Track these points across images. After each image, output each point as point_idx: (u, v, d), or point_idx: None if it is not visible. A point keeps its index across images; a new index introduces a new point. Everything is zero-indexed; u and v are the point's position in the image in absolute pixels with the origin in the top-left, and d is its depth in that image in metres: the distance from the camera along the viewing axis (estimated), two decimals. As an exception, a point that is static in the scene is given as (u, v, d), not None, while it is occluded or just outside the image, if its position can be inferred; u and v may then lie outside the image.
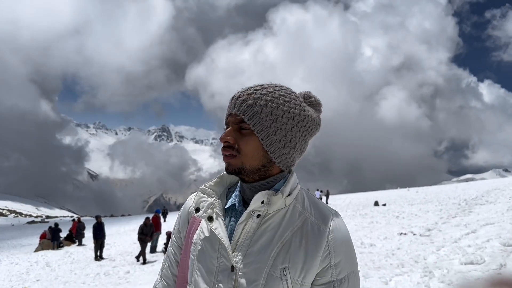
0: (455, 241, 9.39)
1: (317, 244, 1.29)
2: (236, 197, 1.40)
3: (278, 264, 1.27)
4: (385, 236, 12.10)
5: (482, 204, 17.62)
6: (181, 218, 1.54)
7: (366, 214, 20.38)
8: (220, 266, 1.32)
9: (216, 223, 1.34)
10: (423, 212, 18.32)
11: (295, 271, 1.27)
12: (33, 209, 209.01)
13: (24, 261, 16.17)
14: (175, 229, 1.58)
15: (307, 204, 1.37)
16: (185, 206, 1.55)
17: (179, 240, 1.55)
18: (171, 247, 1.58)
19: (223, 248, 1.32)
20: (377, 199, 29.93)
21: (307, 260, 1.28)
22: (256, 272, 1.27)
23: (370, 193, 48.91)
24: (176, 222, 1.57)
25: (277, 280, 1.26)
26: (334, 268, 1.30)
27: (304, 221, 1.32)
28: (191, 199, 1.53)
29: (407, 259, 8.44)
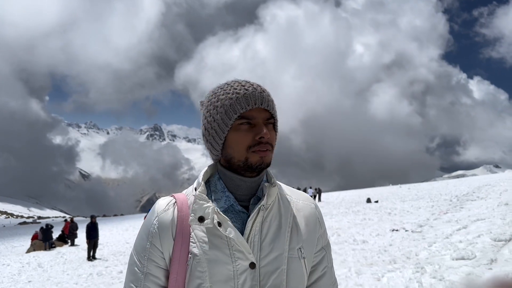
0: (446, 237, 9.48)
1: (314, 220, 1.49)
2: (229, 197, 1.38)
3: (294, 246, 1.39)
4: (378, 232, 12.18)
5: (473, 200, 17.78)
6: (160, 234, 1.34)
7: (359, 211, 20.50)
8: (238, 269, 1.30)
9: (227, 227, 1.31)
10: (415, 208, 18.46)
11: (307, 248, 1.42)
12: (25, 210, 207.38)
13: (16, 262, 16.03)
14: (147, 250, 1.35)
15: (287, 191, 1.52)
16: (162, 220, 1.35)
17: (161, 260, 1.35)
18: (148, 273, 1.34)
19: (237, 250, 1.31)
20: (370, 196, 30.10)
21: (311, 235, 1.45)
22: (276, 261, 1.35)
23: (362, 190, 49.19)
24: (148, 241, 1.35)
25: (296, 260, 1.38)
26: (322, 236, 1.51)
27: (296, 205, 1.48)
28: (166, 210, 1.37)
29: (399, 255, 8.51)
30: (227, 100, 1.35)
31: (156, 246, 1.34)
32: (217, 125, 1.36)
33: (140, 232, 1.41)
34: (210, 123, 1.38)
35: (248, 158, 1.35)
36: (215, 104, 1.38)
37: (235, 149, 1.35)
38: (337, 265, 8.38)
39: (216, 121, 1.36)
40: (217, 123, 1.36)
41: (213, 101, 1.39)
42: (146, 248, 1.35)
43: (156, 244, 1.34)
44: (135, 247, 1.40)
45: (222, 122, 1.35)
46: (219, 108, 1.36)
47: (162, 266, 1.35)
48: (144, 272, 1.35)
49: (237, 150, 1.35)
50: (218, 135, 1.37)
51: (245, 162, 1.35)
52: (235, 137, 1.35)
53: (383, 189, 45.71)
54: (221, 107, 1.36)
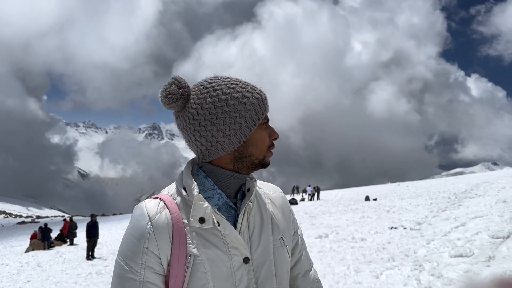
0: (444, 234, 9.51)
1: (287, 208, 1.56)
2: (221, 194, 1.37)
3: (277, 236, 1.44)
4: (376, 230, 12.21)
5: (471, 197, 17.83)
6: (157, 239, 1.27)
7: (357, 209, 20.54)
8: (234, 266, 1.31)
9: (225, 225, 1.31)
10: (413, 206, 18.51)
11: (287, 236, 1.49)
12: (23, 210, 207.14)
13: (15, 262, 16.03)
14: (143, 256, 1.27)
15: (259, 183, 1.55)
16: (157, 224, 1.28)
17: (158, 266, 1.28)
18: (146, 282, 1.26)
19: (232, 247, 1.31)
20: (368, 194, 30.15)
21: (287, 223, 1.52)
22: (265, 253, 1.39)
23: (361, 188, 49.26)
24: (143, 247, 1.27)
25: (281, 249, 1.43)
26: (294, 222, 1.58)
27: (270, 196, 1.53)
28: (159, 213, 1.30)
29: (397, 253, 8.53)
30: (254, 99, 1.34)
31: (152, 252, 1.27)
32: (244, 122, 1.33)
33: (128, 238, 1.31)
34: (233, 118, 1.32)
35: (265, 157, 1.41)
36: (241, 100, 1.33)
37: (259, 147, 1.37)
38: (336, 263, 8.41)
39: (243, 117, 1.32)
40: (244, 120, 1.33)
41: (234, 96, 1.33)
42: (141, 255, 1.27)
43: (153, 250, 1.27)
44: (124, 255, 1.30)
45: (250, 120, 1.33)
46: (247, 105, 1.33)
47: (159, 272, 1.29)
48: (142, 280, 1.26)
49: (260, 149, 1.38)
50: (243, 131, 1.33)
51: (262, 160, 1.40)
52: (260, 136, 1.38)
53: (382, 187, 45.79)
54: (249, 105, 1.33)
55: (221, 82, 1.36)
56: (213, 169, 1.38)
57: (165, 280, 1.30)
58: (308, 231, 13.85)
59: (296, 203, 32.71)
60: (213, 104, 1.33)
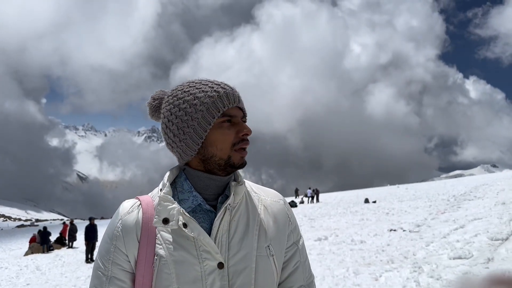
0: (444, 237, 9.52)
1: (283, 217, 1.47)
2: (196, 196, 1.36)
3: (263, 244, 1.37)
4: (375, 232, 12.22)
5: (470, 199, 17.85)
6: (124, 237, 1.32)
7: (357, 212, 20.54)
8: (205, 270, 1.28)
9: (193, 227, 1.28)
10: (412, 208, 18.52)
11: (276, 245, 1.40)
12: (22, 213, 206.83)
13: (14, 265, 16.00)
14: (112, 253, 1.32)
15: (255, 188, 1.50)
16: (126, 222, 1.33)
17: (126, 263, 1.32)
18: (113, 277, 1.31)
19: (204, 251, 1.29)
20: (368, 196, 30.13)
21: (280, 232, 1.43)
22: (245, 260, 1.33)
23: (360, 191, 49.23)
24: (112, 244, 1.33)
25: (265, 258, 1.36)
26: (293, 232, 1.48)
27: (264, 203, 1.46)
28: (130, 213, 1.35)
29: (396, 255, 8.54)
30: (207, 98, 1.32)
31: (120, 249, 1.32)
32: (197, 123, 1.32)
33: (104, 236, 1.37)
34: (185, 122, 1.33)
35: (231, 156, 1.34)
36: (192, 102, 1.33)
37: (219, 147, 1.33)
38: (335, 265, 8.41)
39: (195, 119, 1.32)
40: (197, 121, 1.32)
41: (186, 99, 1.34)
42: (110, 251, 1.32)
43: (121, 247, 1.32)
44: (99, 251, 1.36)
45: (203, 120, 1.31)
46: (198, 106, 1.32)
47: (127, 269, 1.32)
48: (109, 275, 1.31)
49: (220, 148, 1.33)
50: (198, 133, 1.32)
51: (227, 161, 1.34)
52: (218, 135, 1.33)
53: (381, 189, 45.78)
54: (201, 105, 1.32)
55: (180, 88, 1.38)
56: (190, 171, 1.38)
57: (133, 277, 1.32)
58: (307, 234, 13.85)
59: (296, 206, 32.72)
60: (170, 111, 1.36)
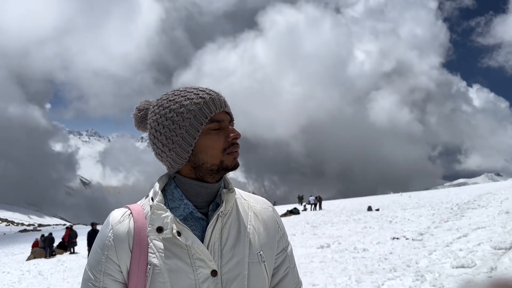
0: (447, 245, 9.48)
1: (273, 223, 1.49)
2: (187, 204, 1.36)
3: (254, 251, 1.38)
4: (378, 241, 12.16)
5: (474, 208, 17.76)
6: (116, 247, 1.30)
7: (360, 219, 20.46)
8: (199, 278, 1.29)
9: (187, 236, 1.29)
10: (415, 216, 18.42)
11: (267, 251, 1.42)
12: (25, 218, 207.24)
13: (16, 270, 16.03)
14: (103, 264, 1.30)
15: (244, 195, 1.51)
16: (117, 232, 1.31)
17: (118, 273, 1.30)
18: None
19: (198, 259, 1.29)
20: (371, 204, 29.99)
21: (270, 239, 1.45)
22: (238, 266, 1.34)
23: (363, 198, 49.06)
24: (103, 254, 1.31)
25: (257, 265, 1.38)
26: (282, 238, 1.51)
27: (254, 209, 1.47)
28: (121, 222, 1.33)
29: (399, 263, 8.50)
30: (193, 105, 1.32)
31: (112, 259, 1.30)
32: (185, 132, 1.31)
33: (94, 246, 1.35)
34: (173, 131, 1.32)
35: (223, 160, 1.34)
36: (178, 110, 1.32)
37: (209, 153, 1.33)
38: (337, 273, 8.38)
39: (183, 127, 1.31)
40: (185, 129, 1.31)
41: (172, 107, 1.33)
42: (102, 262, 1.30)
43: (112, 257, 1.30)
44: (89, 261, 1.34)
45: (191, 128, 1.31)
46: (185, 114, 1.32)
47: (119, 279, 1.30)
48: (100, 287, 1.29)
49: (211, 154, 1.33)
50: (187, 141, 1.32)
51: (220, 165, 1.34)
52: (208, 141, 1.33)
53: (384, 197, 45.60)
54: (187, 113, 1.31)
55: (165, 97, 1.38)
56: (180, 179, 1.38)
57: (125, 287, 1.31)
58: (310, 241, 13.82)
59: (298, 213, 32.64)
60: (156, 121, 1.36)
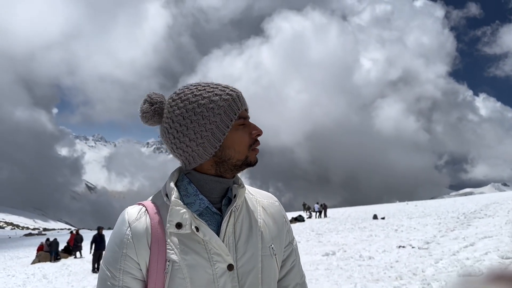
0: (453, 254, 9.40)
1: (280, 217, 1.52)
2: (202, 199, 1.36)
3: (266, 244, 1.41)
4: (384, 249, 12.09)
5: (480, 217, 17.63)
6: (135, 244, 1.30)
7: (365, 228, 20.36)
8: (217, 272, 1.30)
9: (205, 231, 1.30)
10: (421, 225, 18.30)
11: (277, 244, 1.46)
12: (30, 222, 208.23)
13: (21, 273, 16.07)
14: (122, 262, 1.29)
15: (252, 191, 1.54)
16: (136, 229, 1.31)
17: (137, 271, 1.30)
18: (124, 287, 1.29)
19: (215, 254, 1.30)
20: (376, 212, 29.88)
21: (279, 232, 1.49)
22: (252, 260, 1.37)
23: (368, 207, 48.85)
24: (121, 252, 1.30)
25: (269, 258, 1.41)
26: (289, 232, 1.54)
27: (262, 204, 1.51)
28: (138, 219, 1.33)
29: (405, 272, 8.44)
30: (223, 101, 1.33)
31: (131, 257, 1.29)
32: (215, 127, 1.32)
33: (110, 244, 1.34)
34: (203, 126, 1.32)
35: (248, 156, 1.37)
36: (208, 105, 1.32)
37: (237, 149, 1.35)
38: (343, 281, 8.33)
39: (213, 122, 1.32)
40: (215, 124, 1.32)
41: (201, 102, 1.33)
42: (120, 260, 1.29)
43: (131, 255, 1.29)
44: (106, 260, 1.33)
45: (221, 123, 1.33)
46: (215, 109, 1.32)
47: (138, 277, 1.30)
48: (120, 285, 1.28)
49: (238, 150, 1.35)
50: (216, 137, 1.33)
51: (245, 161, 1.37)
52: (236, 137, 1.35)
53: (390, 206, 45.38)
54: (218, 108, 1.32)
55: (188, 91, 1.36)
56: (195, 175, 1.38)
57: (144, 285, 1.31)
58: (315, 249, 13.76)
59: (303, 220, 32.54)
60: (182, 115, 1.33)
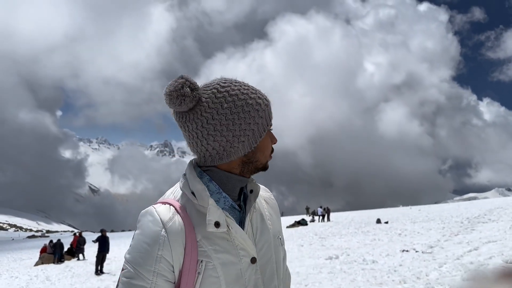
0: (457, 258, 9.36)
1: (277, 209, 1.60)
2: (226, 197, 1.38)
3: (275, 235, 1.50)
4: (387, 253, 12.04)
5: (484, 222, 17.54)
6: (171, 246, 1.27)
7: (369, 232, 20.30)
8: (243, 267, 1.33)
9: (236, 229, 1.34)
10: (425, 230, 18.23)
11: (281, 235, 1.56)
12: (33, 224, 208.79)
13: (24, 275, 16.10)
14: (156, 264, 1.26)
15: None
16: (172, 230, 1.28)
17: (170, 273, 1.28)
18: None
19: (241, 249, 1.34)
20: (379, 217, 29.77)
21: (280, 223, 1.58)
22: (268, 251, 1.43)
23: (372, 211, 48.70)
24: (156, 254, 1.26)
25: (279, 247, 1.50)
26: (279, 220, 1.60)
27: (264, 197, 1.58)
28: (172, 219, 1.29)
29: (409, 276, 8.41)
30: (264, 106, 1.37)
31: (166, 259, 1.26)
32: (257, 128, 1.35)
33: (138, 244, 1.29)
34: (248, 125, 1.33)
35: (267, 161, 1.44)
36: (255, 107, 1.34)
37: (265, 153, 1.41)
38: (346, 285, 8.31)
39: (255, 124, 1.34)
40: (257, 126, 1.35)
41: (249, 102, 1.34)
42: (154, 262, 1.25)
43: (167, 257, 1.26)
44: (134, 262, 1.27)
45: (261, 126, 1.36)
46: (260, 112, 1.35)
47: (170, 279, 1.28)
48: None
49: (265, 154, 1.41)
50: (255, 138, 1.35)
51: (265, 165, 1.43)
52: (266, 142, 1.41)
53: (393, 210, 45.22)
54: (262, 111, 1.35)
55: (234, 87, 1.35)
56: (218, 172, 1.37)
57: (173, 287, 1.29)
58: (318, 252, 13.73)
59: (306, 224, 32.46)
60: (229, 109, 1.32)
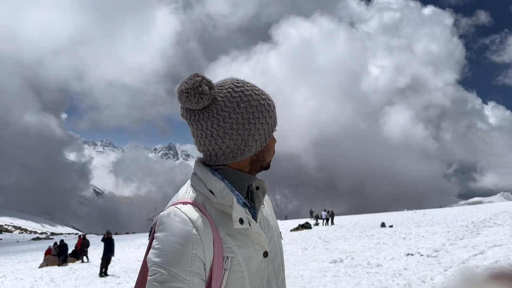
0: (462, 262, 9.31)
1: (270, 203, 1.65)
2: (239, 195, 1.41)
3: (276, 229, 1.56)
4: (392, 256, 11.99)
5: (490, 226, 17.45)
6: (204, 244, 1.29)
7: (373, 235, 20.23)
8: (259, 261, 1.39)
9: (254, 225, 1.39)
10: (430, 233, 18.15)
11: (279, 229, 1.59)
12: (38, 226, 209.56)
13: (29, 277, 16.14)
14: (192, 263, 1.26)
15: None
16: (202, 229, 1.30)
17: (203, 272, 1.29)
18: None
19: (257, 244, 1.40)
20: (384, 220, 29.66)
21: (275, 217, 1.62)
22: (275, 245, 1.50)
23: (376, 215, 48.54)
24: (191, 253, 1.27)
25: (280, 241, 1.55)
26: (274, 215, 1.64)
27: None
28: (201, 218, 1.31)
29: (414, 279, 8.37)
30: (273, 107, 1.43)
31: (200, 258, 1.27)
32: (267, 128, 1.40)
33: (169, 244, 1.27)
34: (261, 124, 1.38)
35: (270, 161, 1.50)
36: (267, 108, 1.40)
37: (271, 153, 1.48)
38: (350, 288, 8.28)
39: (267, 124, 1.40)
40: (267, 126, 1.40)
41: (262, 102, 1.39)
42: (190, 261, 1.26)
43: (200, 255, 1.27)
44: (168, 263, 1.25)
45: (271, 127, 1.43)
46: (270, 112, 1.41)
47: (203, 278, 1.29)
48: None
49: (271, 154, 1.48)
50: (266, 137, 1.41)
51: (268, 165, 1.49)
52: (272, 142, 1.48)
53: (398, 214, 45.05)
54: (271, 112, 1.42)
55: (247, 87, 1.39)
56: (229, 171, 1.40)
57: (205, 286, 1.31)
58: (322, 256, 13.69)
59: (310, 228, 32.40)
60: (245, 109, 1.35)
